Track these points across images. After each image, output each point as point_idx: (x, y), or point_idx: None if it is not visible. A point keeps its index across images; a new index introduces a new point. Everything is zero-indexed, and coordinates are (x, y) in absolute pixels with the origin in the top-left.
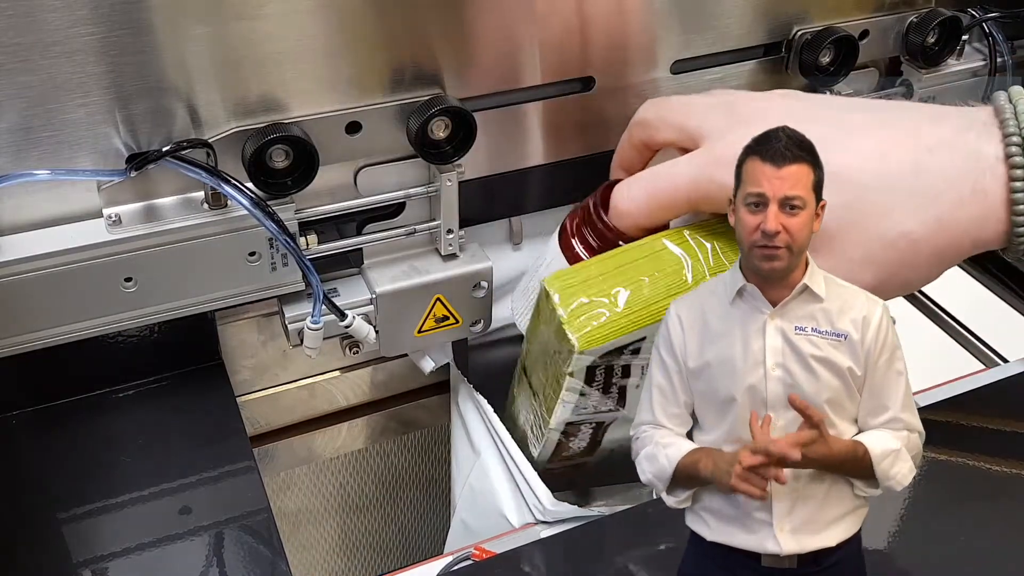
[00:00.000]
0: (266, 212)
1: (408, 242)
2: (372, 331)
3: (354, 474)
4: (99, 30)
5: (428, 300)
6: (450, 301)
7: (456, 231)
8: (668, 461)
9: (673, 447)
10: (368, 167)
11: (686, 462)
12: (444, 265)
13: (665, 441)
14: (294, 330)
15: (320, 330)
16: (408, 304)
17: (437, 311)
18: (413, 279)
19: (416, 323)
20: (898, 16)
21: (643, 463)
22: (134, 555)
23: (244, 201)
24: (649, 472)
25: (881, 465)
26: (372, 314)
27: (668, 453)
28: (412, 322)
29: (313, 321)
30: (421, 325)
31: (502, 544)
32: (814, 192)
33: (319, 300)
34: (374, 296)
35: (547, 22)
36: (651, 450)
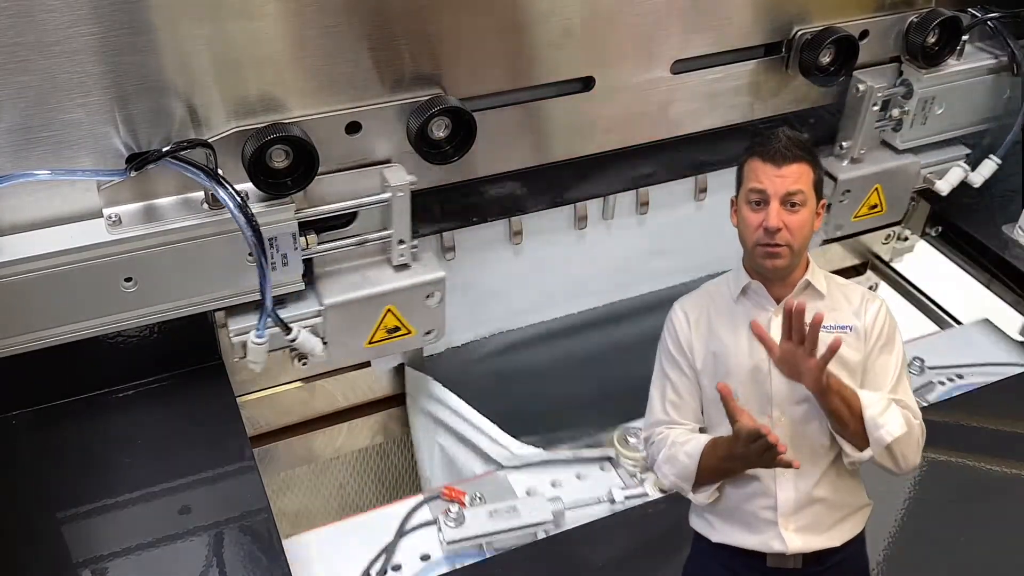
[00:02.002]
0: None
1: (360, 252)
2: (319, 344)
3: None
4: (99, 30)
5: (379, 311)
6: (402, 312)
7: (408, 241)
8: (690, 458)
9: (691, 443)
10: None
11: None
12: (396, 275)
13: (682, 439)
14: (238, 343)
15: (264, 344)
16: (358, 315)
17: (388, 322)
18: (363, 290)
19: (367, 334)
20: (898, 16)
21: (663, 467)
22: (134, 554)
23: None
24: (672, 475)
25: (869, 410)
26: (320, 325)
27: (687, 450)
28: (363, 333)
29: (257, 335)
30: (372, 336)
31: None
32: (814, 191)
33: (265, 314)
34: (322, 308)
35: (547, 22)
36: (669, 452)
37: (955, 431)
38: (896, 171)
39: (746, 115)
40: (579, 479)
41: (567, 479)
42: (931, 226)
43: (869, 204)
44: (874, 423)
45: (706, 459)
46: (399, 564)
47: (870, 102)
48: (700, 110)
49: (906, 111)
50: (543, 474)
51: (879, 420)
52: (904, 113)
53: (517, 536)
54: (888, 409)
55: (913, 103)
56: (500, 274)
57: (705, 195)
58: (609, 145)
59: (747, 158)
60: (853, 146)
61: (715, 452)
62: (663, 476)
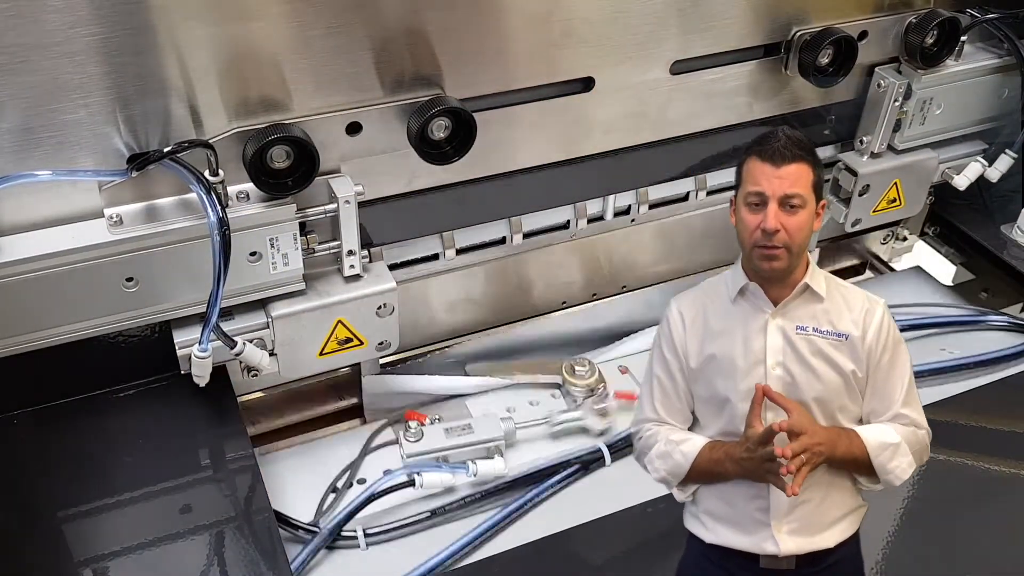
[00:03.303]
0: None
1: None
2: (266, 356)
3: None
4: (100, 31)
5: (329, 322)
6: (353, 323)
7: (358, 252)
8: (685, 458)
9: (688, 443)
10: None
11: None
12: (346, 287)
13: (678, 438)
14: (183, 356)
15: (208, 358)
16: (308, 327)
17: (339, 333)
18: (312, 301)
19: (318, 346)
20: (897, 17)
21: (655, 462)
22: (135, 554)
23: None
24: (663, 470)
25: (879, 458)
26: (268, 337)
27: (683, 450)
28: (314, 345)
29: (201, 349)
30: (323, 347)
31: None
32: (814, 192)
33: (208, 327)
34: (270, 320)
35: (547, 23)
36: (663, 448)
37: (955, 431)
38: (914, 166)
39: (745, 115)
40: (531, 405)
41: (521, 405)
42: (930, 226)
43: (888, 199)
44: (884, 469)
45: (700, 459)
46: (363, 478)
47: (892, 98)
48: (699, 110)
49: (904, 111)
50: (499, 401)
51: (888, 467)
52: (903, 113)
53: (472, 451)
54: (896, 454)
55: (912, 103)
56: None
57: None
58: (609, 145)
59: (746, 157)
60: (874, 140)
61: (711, 454)
62: (654, 470)
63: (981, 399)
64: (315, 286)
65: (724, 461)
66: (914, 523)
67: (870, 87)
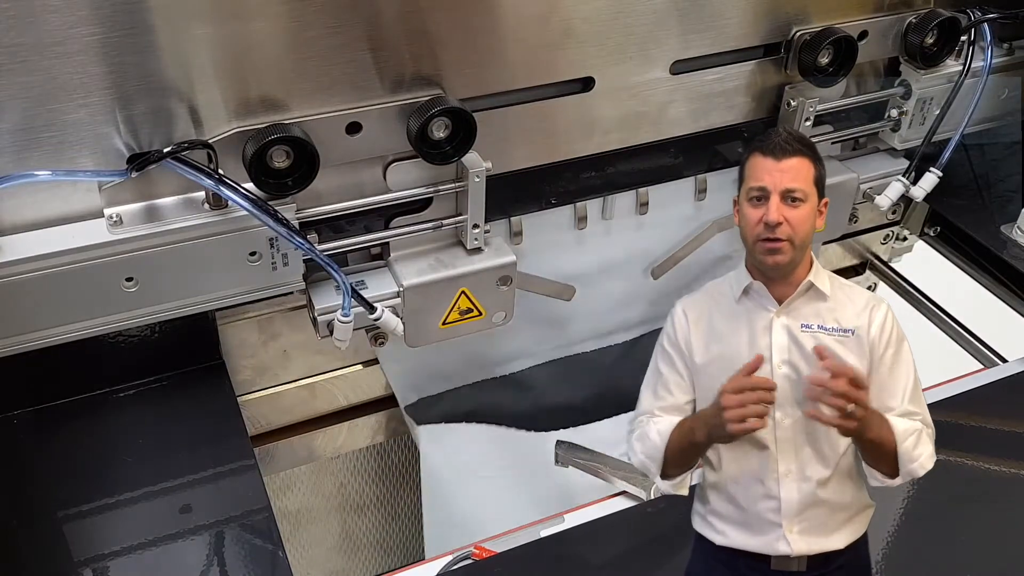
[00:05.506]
0: (270, 213)
1: (433, 236)
2: (400, 323)
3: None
4: (100, 31)
5: (453, 293)
6: (474, 294)
7: (482, 226)
8: (659, 436)
9: (663, 421)
10: (396, 162)
11: (677, 432)
12: (469, 259)
13: (656, 419)
14: (323, 322)
15: (350, 323)
16: (434, 297)
17: (462, 303)
18: (439, 272)
19: (441, 315)
20: (897, 17)
21: (634, 444)
22: (135, 553)
23: (246, 204)
24: (641, 453)
25: (905, 443)
26: (399, 306)
27: (659, 428)
28: (437, 314)
29: (344, 314)
30: (446, 317)
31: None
32: (815, 187)
33: (348, 294)
34: (401, 289)
35: (547, 22)
36: (642, 430)
37: (955, 431)
38: (834, 187)
39: (745, 115)
40: None
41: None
42: (930, 226)
43: None
44: (909, 456)
45: (674, 434)
46: None
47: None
48: (699, 110)
49: (904, 111)
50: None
51: (913, 454)
52: (903, 113)
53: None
54: (920, 441)
55: (911, 103)
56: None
57: (705, 195)
58: (609, 145)
59: (748, 155)
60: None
61: (683, 424)
62: (634, 454)
63: (981, 399)
64: (439, 258)
65: (696, 428)
66: (914, 523)
67: (780, 108)
